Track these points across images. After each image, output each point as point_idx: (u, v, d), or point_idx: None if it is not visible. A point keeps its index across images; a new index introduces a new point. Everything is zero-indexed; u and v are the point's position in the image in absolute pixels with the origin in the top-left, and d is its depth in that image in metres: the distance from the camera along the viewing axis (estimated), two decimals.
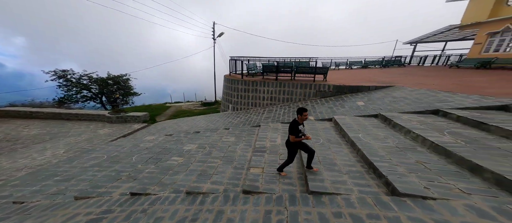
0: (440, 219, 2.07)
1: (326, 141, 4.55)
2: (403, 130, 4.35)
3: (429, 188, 2.57)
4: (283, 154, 4.19)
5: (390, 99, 6.56)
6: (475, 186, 2.58)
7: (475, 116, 4.39)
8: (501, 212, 2.07)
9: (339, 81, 9.81)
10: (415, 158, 3.31)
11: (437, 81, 8.81)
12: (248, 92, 10.23)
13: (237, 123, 7.86)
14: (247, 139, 5.59)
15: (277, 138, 5.22)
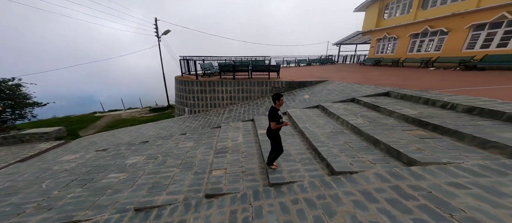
0: (361, 188, 2.16)
1: (282, 134, 4.18)
2: (334, 116, 4.55)
3: (353, 163, 2.74)
4: (246, 152, 3.60)
5: (326, 92, 6.72)
6: (377, 156, 2.73)
7: (373, 101, 4.57)
8: (391, 174, 2.30)
9: (290, 77, 9.13)
10: (344, 140, 3.41)
11: (352, 75, 9.78)
12: (205, 94, 8.03)
13: (195, 126, 6.25)
14: (207, 142, 4.51)
15: (238, 137, 4.41)
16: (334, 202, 2.04)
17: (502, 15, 7.92)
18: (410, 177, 2.17)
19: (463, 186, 1.88)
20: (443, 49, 10.49)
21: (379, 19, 15.68)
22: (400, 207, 1.82)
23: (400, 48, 13.68)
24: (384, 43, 15.44)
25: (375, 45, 16.41)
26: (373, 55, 16.39)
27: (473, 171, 2.04)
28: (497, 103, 3.28)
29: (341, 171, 2.50)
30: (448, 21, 10.12)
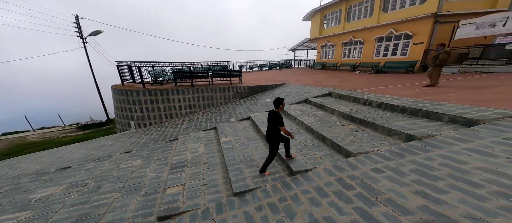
0: (315, 185, 2.29)
1: (245, 140, 4.17)
2: (292, 117, 4.78)
3: (308, 161, 2.87)
4: (208, 163, 3.35)
5: (284, 94, 7.09)
6: (325, 152, 2.99)
7: (320, 101, 5.10)
8: (336, 168, 2.55)
9: (252, 82, 9.11)
10: (300, 139, 3.60)
11: (304, 78, 10.64)
12: (157, 104, 6.97)
13: (145, 142, 5.38)
14: (161, 157, 3.97)
15: (199, 147, 4.08)
16: (294, 203, 2.12)
17: (391, 31, 10.59)
18: (348, 168, 2.50)
19: (381, 170, 2.34)
20: (363, 56, 12.83)
21: (321, 28, 18.05)
22: (344, 197, 2.07)
23: (336, 54, 15.70)
24: (326, 49, 17.34)
25: (320, 51, 18.41)
26: (320, 60, 18.15)
27: (385, 156, 2.56)
28: (393, 99, 4.21)
29: (298, 171, 2.61)
30: (363, 33, 12.45)
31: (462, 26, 7.63)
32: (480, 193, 1.66)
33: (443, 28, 8.55)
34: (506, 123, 2.43)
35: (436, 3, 8.33)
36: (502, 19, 6.50)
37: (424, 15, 8.77)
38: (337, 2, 14.68)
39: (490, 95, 3.60)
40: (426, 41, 8.97)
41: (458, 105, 3.17)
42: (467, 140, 2.34)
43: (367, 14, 12.36)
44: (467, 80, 5.62)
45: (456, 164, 2.04)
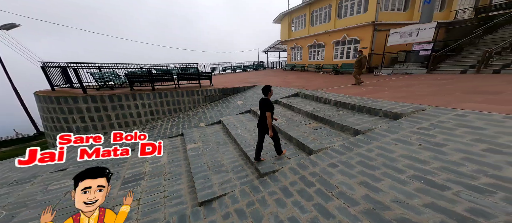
0: (281, 186, 2.34)
1: (215, 145, 4.01)
2: None
3: (275, 162, 2.87)
4: (171, 173, 3.09)
5: (257, 96, 7.10)
6: (292, 151, 3.10)
7: (288, 101, 5.29)
8: (300, 166, 2.63)
9: (224, 84, 8.80)
10: (269, 141, 3.58)
11: (276, 79, 10.99)
12: (106, 111, 5.86)
13: None
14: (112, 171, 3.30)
15: (162, 156, 3.69)
16: (261, 206, 2.13)
17: (344, 36, 12.02)
18: (310, 165, 2.69)
19: (336, 165, 2.61)
20: (325, 58, 14.08)
21: (289, 31, 18.96)
22: (305, 195, 2.21)
23: (304, 56, 16.63)
24: (295, 51, 18.11)
25: (290, 53, 19.32)
26: (290, 62, 18.81)
27: (339, 151, 2.89)
28: (345, 97, 4.79)
29: (266, 173, 2.66)
30: (324, 37, 13.67)
31: (392, 34, 9.35)
32: (402, 178, 2.03)
33: (380, 35, 10.25)
34: (419, 115, 3.09)
35: (373, 13, 9.91)
36: (415, 30, 8.29)
37: (366, 23, 10.33)
38: (301, 7, 15.70)
39: (410, 93, 4.53)
40: (369, 46, 10.63)
41: (389, 102, 3.85)
42: (394, 131, 2.85)
43: (326, 19, 13.63)
44: (396, 81, 6.95)
45: (387, 153, 2.45)
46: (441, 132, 2.52)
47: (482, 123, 2.47)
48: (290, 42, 18.64)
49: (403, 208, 1.68)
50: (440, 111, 3.02)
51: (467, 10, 11.24)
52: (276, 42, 21.98)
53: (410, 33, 8.50)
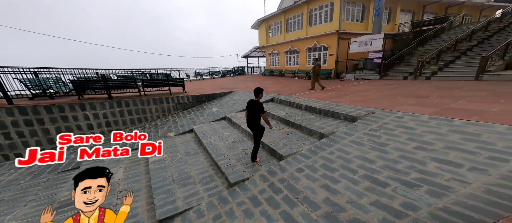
0: (250, 195, 2.29)
1: (184, 155, 3.76)
2: (237, 126, 4.74)
3: (246, 170, 2.82)
4: (124, 192, 2.80)
5: (233, 102, 6.95)
6: (264, 158, 3.13)
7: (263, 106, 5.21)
8: (270, 173, 2.67)
9: (199, 91, 8.38)
10: (242, 148, 3.55)
11: (254, 85, 11.04)
12: (42, 124, 4.84)
13: (13, 179, 3.65)
14: (42, 196, 2.89)
15: (116, 173, 3.25)
16: (228, 218, 2.05)
17: (315, 43, 13.14)
18: (279, 171, 2.76)
19: (302, 169, 2.74)
20: (300, 64, 14.83)
21: (267, 37, 19.49)
22: (273, 203, 2.22)
23: (281, 62, 17.16)
24: (273, 57, 18.55)
25: (268, 58, 19.86)
26: (269, 67, 19.17)
27: (306, 155, 3.06)
28: (314, 102, 5.12)
29: (236, 182, 2.59)
30: (297, 44, 14.46)
31: (352, 43, 10.56)
32: (355, 178, 2.24)
33: (343, 43, 11.42)
34: (370, 117, 3.52)
35: (337, 22, 11.02)
36: (369, 40, 9.58)
37: (331, 32, 11.42)
38: (277, 14, 16.35)
39: (365, 97, 5.16)
40: (336, 53, 11.77)
41: (349, 106, 4.29)
42: (351, 134, 3.17)
43: (299, 26, 14.49)
44: (356, 85, 7.85)
45: (345, 155, 2.70)
46: (385, 132, 2.92)
47: (414, 123, 2.96)
48: (268, 47, 19.14)
49: (355, 208, 1.85)
50: (385, 114, 3.50)
51: (406, 24, 13.60)
52: (254, 48, 22.13)
53: (365, 42, 9.76)
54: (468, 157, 2.06)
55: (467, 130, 2.47)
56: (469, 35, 9.09)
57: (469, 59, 7.39)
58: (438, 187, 1.82)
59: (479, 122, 2.60)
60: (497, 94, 3.96)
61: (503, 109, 2.96)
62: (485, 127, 2.46)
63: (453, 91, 4.73)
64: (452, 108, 3.36)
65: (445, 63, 7.96)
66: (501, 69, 6.28)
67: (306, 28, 13.65)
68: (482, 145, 2.18)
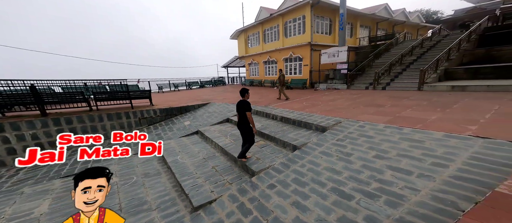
0: (216, 219, 1.98)
1: (141, 177, 3.27)
2: (209, 140, 4.39)
3: (214, 190, 2.55)
4: None
5: (207, 115, 6.56)
6: (235, 175, 2.88)
7: None
8: (240, 191, 2.60)
9: (170, 103, 7.76)
10: (213, 164, 3.25)
11: (232, 96, 10.79)
12: None
13: None
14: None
15: (38, 206, 2.59)
16: None
17: (290, 54, 14.07)
18: (250, 189, 2.57)
19: (274, 185, 2.62)
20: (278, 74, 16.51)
21: (246, 47, 19.94)
22: None
23: (260, 72, 17.52)
24: (253, 67, 18.81)
25: (248, 68, 20.04)
26: (249, 77, 19.39)
27: (279, 169, 2.97)
28: (289, 112, 5.21)
29: (200, 205, 2.32)
30: (275, 54, 15.14)
31: (322, 54, 11.55)
32: (324, 192, 2.22)
33: (316, 55, 12.43)
34: (338, 127, 3.71)
35: (309, 34, 12.05)
36: (336, 52, 10.67)
37: (304, 43, 12.39)
38: (255, 25, 17.01)
39: (334, 107, 5.54)
40: (309, 63, 12.72)
41: (319, 116, 4.49)
42: (321, 144, 3.25)
43: (276, 38, 15.27)
44: (328, 95, 8.49)
45: (315, 167, 2.70)
46: (350, 142, 3.08)
47: (373, 132, 3.22)
48: (247, 58, 19.54)
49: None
50: (350, 123, 3.75)
51: (365, 38, 15.85)
52: (234, 58, 22.20)
53: (333, 54, 10.81)
54: (416, 164, 2.28)
55: (414, 137, 2.79)
56: (410, 51, 11.07)
57: (412, 72, 8.88)
58: (394, 196, 1.91)
59: (422, 129, 2.98)
60: (434, 103, 4.75)
61: (439, 118, 3.50)
62: (427, 134, 2.82)
63: (402, 100, 5.50)
64: (402, 116, 3.83)
65: (395, 75, 9.38)
66: (435, 81, 7.72)
67: (282, 39, 14.51)
68: (426, 151, 2.45)
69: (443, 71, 8.13)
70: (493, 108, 3.75)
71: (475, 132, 2.65)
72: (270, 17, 14.73)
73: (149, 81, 14.70)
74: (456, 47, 8.82)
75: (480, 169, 1.98)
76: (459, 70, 8.01)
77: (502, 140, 2.32)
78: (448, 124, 3.09)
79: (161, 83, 15.89)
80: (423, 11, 26.93)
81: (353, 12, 14.08)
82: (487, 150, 2.23)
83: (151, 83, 15.07)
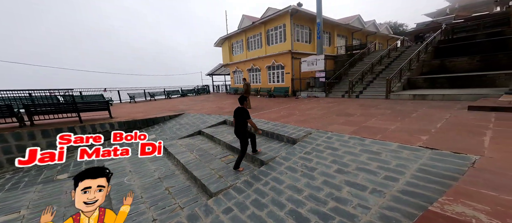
0: None
1: (67, 207, 2.81)
2: (172, 156, 3.99)
3: (157, 218, 2.19)
4: None
5: (178, 127, 6.12)
6: (192, 196, 2.62)
7: (212, 131, 4.86)
8: (190, 218, 2.24)
9: (136, 115, 7.12)
10: (167, 185, 2.94)
11: (211, 105, 10.47)
12: None
13: None
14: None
15: None
16: None
17: (273, 62, 14.38)
18: (203, 215, 2.25)
19: (231, 209, 2.38)
20: (262, 82, 15.60)
21: (230, 55, 19.98)
22: None
23: None
24: (237, 75, 18.63)
25: (233, 76, 19.78)
26: (234, 85, 19.26)
27: (240, 189, 2.78)
28: (263, 123, 5.04)
29: None
30: (258, 62, 15.32)
31: (302, 63, 12.07)
32: (281, 216, 2.08)
33: (297, 63, 12.88)
34: (307, 139, 3.72)
35: (290, 42, 12.53)
36: (315, 60, 11.24)
37: (285, 51, 12.80)
38: (238, 33, 17.26)
39: (308, 116, 5.65)
40: (291, 71, 13.14)
41: (292, 127, 4.49)
42: (288, 158, 3.18)
43: (259, 45, 15.60)
44: (306, 104, 8.73)
45: (278, 185, 2.58)
46: (316, 155, 3.06)
47: (338, 143, 3.28)
48: (231, 65, 19.54)
49: None
50: (319, 134, 3.79)
51: (342, 47, 17.11)
52: (219, 65, 22.02)
53: (312, 62, 11.36)
54: (371, 178, 2.31)
55: (373, 149, 2.88)
56: (379, 60, 12.21)
57: (381, 81, 9.72)
58: (347, 217, 1.86)
59: (381, 140, 3.11)
60: (396, 112, 5.14)
61: (398, 127, 3.74)
62: (384, 145, 2.94)
63: (371, 109, 5.87)
64: (367, 126, 4.01)
65: (367, 83, 10.16)
66: (400, 90, 8.54)
67: (265, 47, 14.89)
68: (381, 163, 2.53)
69: (406, 80, 9.06)
70: (444, 117, 4.17)
71: (425, 142, 2.84)
72: (252, 25, 15.13)
73: (119, 91, 13.59)
74: (416, 58, 9.98)
75: (426, 182, 2.06)
76: (420, 79, 9.01)
77: (446, 151, 2.51)
78: (403, 134, 3.29)
79: (134, 92, 14.77)
80: (391, 23, 30.56)
81: (330, 22, 15.16)
82: (433, 162, 2.38)
83: (122, 93, 13.99)
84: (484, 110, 4.33)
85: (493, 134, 2.92)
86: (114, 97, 13.46)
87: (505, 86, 6.53)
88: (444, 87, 8.04)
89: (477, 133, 3.00)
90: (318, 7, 11.16)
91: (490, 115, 3.94)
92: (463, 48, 10.05)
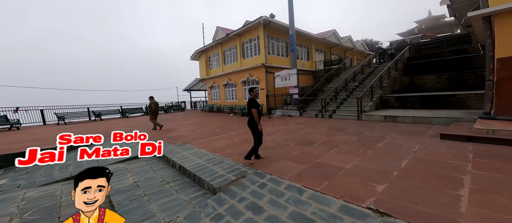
0: None
1: None
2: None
3: None
4: None
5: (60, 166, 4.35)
6: None
7: None
8: None
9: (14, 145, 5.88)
10: None
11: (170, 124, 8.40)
12: None
13: None
14: None
15: None
16: None
17: (247, 76, 13.47)
18: None
19: None
20: (238, 99, 14.31)
21: (207, 68, 19.33)
22: None
23: (221, 96, 16.64)
24: (214, 91, 17.82)
25: (210, 92, 18.75)
26: (210, 102, 18.31)
27: None
28: (196, 156, 4.07)
29: None
30: (234, 76, 14.66)
31: (276, 77, 11.39)
32: None
33: (271, 77, 12.15)
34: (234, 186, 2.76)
35: (264, 55, 12.03)
36: (288, 75, 10.75)
37: (259, 65, 12.20)
38: (214, 45, 16.90)
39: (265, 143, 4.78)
40: (266, 87, 12.60)
41: (230, 163, 3.51)
42: None
43: (234, 59, 14.99)
44: (275, 125, 7.91)
45: None
46: (230, 219, 2.09)
47: (270, 196, 2.37)
48: (208, 80, 18.77)
49: None
50: (254, 178, 2.89)
51: (321, 62, 17.38)
52: (196, 81, 21.36)
53: (285, 77, 10.82)
54: None
55: (307, 214, 2.01)
56: (353, 77, 12.32)
57: (354, 99, 9.38)
58: None
59: (323, 193, 2.29)
60: (362, 139, 4.52)
61: (355, 167, 2.94)
62: (324, 204, 2.11)
63: (337, 135, 5.23)
64: (319, 163, 3.23)
65: (341, 102, 9.67)
66: (372, 110, 8.25)
67: (241, 60, 14.44)
68: None
69: (378, 98, 8.90)
70: (412, 149, 3.59)
71: (378, 200, 2.07)
72: (227, 37, 14.93)
73: (44, 110, 11.59)
74: (387, 75, 10.16)
75: None
76: (391, 98, 8.90)
77: (401, 221, 1.73)
78: (356, 181, 2.52)
79: (65, 111, 12.50)
80: (367, 40, 33.70)
81: (306, 36, 15.30)
82: None
83: (49, 112, 11.93)
84: (459, 140, 3.89)
85: (473, 181, 2.28)
86: (36, 118, 11.47)
87: (476, 108, 6.50)
88: (415, 108, 7.95)
89: (451, 181, 2.35)
90: (290, 19, 11.23)
91: (466, 148, 3.46)
92: (431, 65, 10.63)
